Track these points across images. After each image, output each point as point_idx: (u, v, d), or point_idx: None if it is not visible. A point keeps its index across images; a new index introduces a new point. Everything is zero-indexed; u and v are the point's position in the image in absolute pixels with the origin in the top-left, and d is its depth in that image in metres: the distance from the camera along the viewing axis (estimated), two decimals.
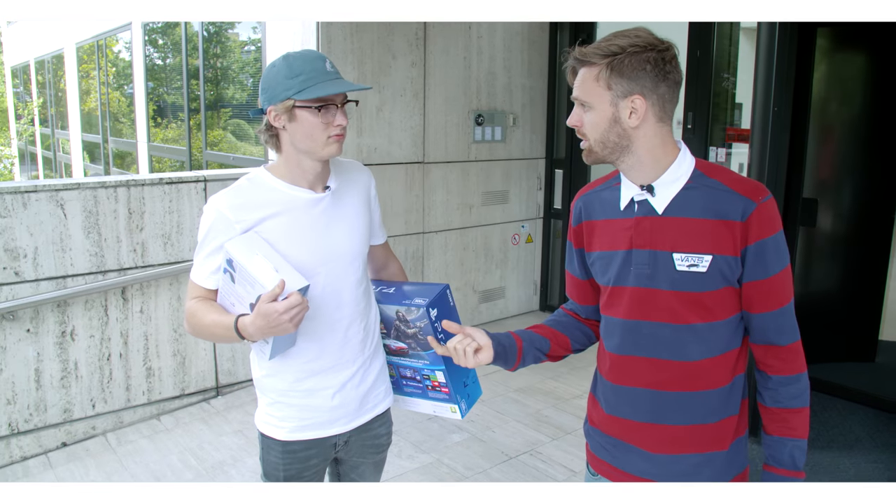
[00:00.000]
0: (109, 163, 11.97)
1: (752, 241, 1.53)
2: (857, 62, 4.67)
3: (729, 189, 1.55)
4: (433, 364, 2.02)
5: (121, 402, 4.12)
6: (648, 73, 1.53)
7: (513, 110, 5.83)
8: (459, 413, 2.10)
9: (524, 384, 4.67)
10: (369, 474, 2.20)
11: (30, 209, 3.70)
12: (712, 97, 4.97)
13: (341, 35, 4.73)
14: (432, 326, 1.95)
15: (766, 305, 1.59)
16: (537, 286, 6.29)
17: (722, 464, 1.67)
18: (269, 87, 1.81)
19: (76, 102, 13.36)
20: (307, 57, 1.80)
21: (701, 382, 1.62)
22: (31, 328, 3.77)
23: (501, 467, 3.65)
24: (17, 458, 3.81)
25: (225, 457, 3.78)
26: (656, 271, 1.60)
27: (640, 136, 1.58)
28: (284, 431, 1.99)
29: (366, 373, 2.05)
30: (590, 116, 1.58)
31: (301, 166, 1.87)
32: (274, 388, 1.98)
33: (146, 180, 4.09)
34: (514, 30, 5.72)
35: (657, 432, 1.66)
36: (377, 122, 5.03)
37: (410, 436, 3.91)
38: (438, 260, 5.54)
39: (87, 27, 11.73)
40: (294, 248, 1.85)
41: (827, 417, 4.15)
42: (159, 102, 9.89)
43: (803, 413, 1.62)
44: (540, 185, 6.13)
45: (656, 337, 1.62)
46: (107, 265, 3.97)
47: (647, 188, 1.60)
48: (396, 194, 5.22)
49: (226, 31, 8.06)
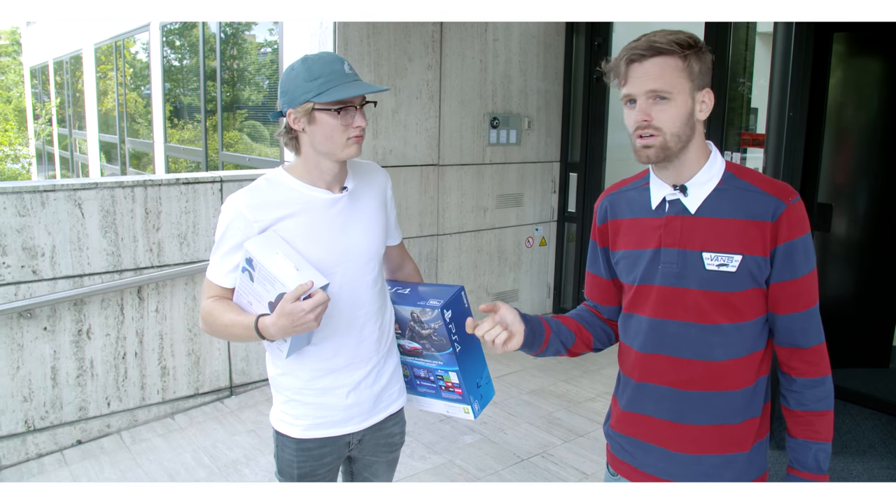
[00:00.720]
0: (126, 163, 12.05)
1: (782, 242, 1.54)
2: (873, 67, 4.65)
3: (759, 190, 1.57)
4: (447, 365, 2.04)
5: (135, 400, 4.15)
6: (711, 70, 1.57)
7: (528, 113, 5.83)
8: (472, 414, 2.11)
9: (537, 386, 4.68)
10: (382, 473, 2.21)
11: (48, 208, 3.74)
12: (727, 101, 4.96)
13: (358, 37, 4.75)
14: (446, 328, 1.96)
15: (793, 307, 1.59)
16: (550, 289, 6.29)
17: (743, 466, 1.67)
18: (289, 91, 1.82)
19: (94, 103, 13.46)
20: (325, 59, 1.82)
21: (725, 383, 1.63)
22: (47, 326, 3.81)
23: (513, 469, 3.66)
24: (33, 455, 3.84)
25: (238, 456, 3.80)
26: (685, 270, 1.60)
27: (698, 132, 1.60)
28: (299, 429, 2.01)
29: (380, 372, 2.07)
30: (668, 109, 1.54)
31: (319, 167, 1.89)
32: (289, 387, 2.00)
33: (163, 180, 4.12)
34: (530, 33, 5.72)
35: (679, 431, 1.67)
36: (393, 125, 5.05)
37: (423, 437, 3.92)
38: (452, 262, 5.55)
39: (105, 28, 11.81)
40: (311, 247, 1.87)
41: (839, 423, 4.13)
42: (176, 103, 9.95)
43: (828, 416, 1.62)
44: (554, 188, 6.13)
45: (682, 336, 1.63)
46: (123, 264, 4.00)
47: (681, 188, 1.61)
48: (411, 196, 5.23)
49: (243, 33, 8.10)
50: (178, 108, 9.89)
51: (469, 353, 2.05)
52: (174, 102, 9.96)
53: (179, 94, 9.81)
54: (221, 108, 8.19)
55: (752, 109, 5.08)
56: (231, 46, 8.36)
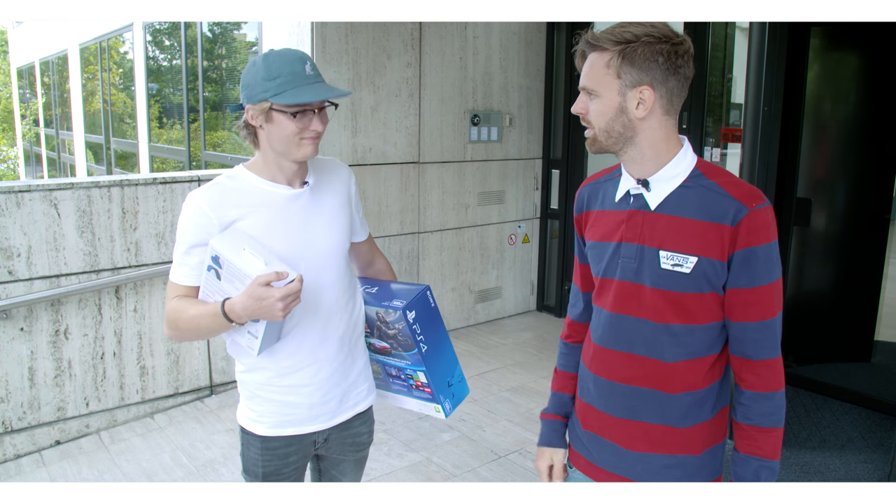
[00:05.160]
0: (112, 164, 12.02)
1: (741, 248, 1.50)
2: (850, 62, 4.66)
3: (724, 192, 1.52)
4: (415, 365, 2.03)
5: (114, 400, 4.14)
6: (660, 66, 1.50)
7: (509, 110, 5.83)
8: (443, 413, 2.10)
9: (517, 384, 4.68)
10: (350, 472, 2.20)
11: (23, 208, 3.72)
12: (707, 97, 4.98)
13: (336, 35, 4.74)
14: (410, 329, 1.95)
15: (746, 315, 1.55)
16: (534, 286, 6.30)
17: (693, 468, 1.65)
18: (248, 86, 1.80)
19: (80, 103, 13.42)
20: (286, 58, 1.79)
21: (672, 384, 1.61)
22: (24, 327, 3.80)
23: (490, 466, 3.66)
24: (11, 456, 3.83)
25: (216, 455, 3.79)
26: (642, 266, 1.59)
27: (646, 127, 1.55)
28: (264, 427, 2.00)
29: (347, 370, 2.05)
30: (596, 105, 1.55)
31: (278, 163, 1.88)
32: (253, 383, 1.99)
33: (140, 180, 4.11)
34: (511, 30, 5.72)
35: (630, 428, 1.66)
36: (372, 123, 5.04)
37: (401, 434, 3.92)
38: (434, 260, 5.55)
39: (90, 28, 11.78)
40: (273, 243, 1.85)
41: (819, 418, 4.14)
42: (165, 104, 9.93)
43: (774, 434, 1.58)
44: (537, 185, 6.13)
45: (635, 332, 1.62)
46: (100, 264, 3.99)
47: (643, 183, 1.59)
48: (391, 194, 5.23)
49: (231, 33, 8.09)
50: (167, 108, 9.86)
51: (438, 352, 2.04)
52: (163, 103, 9.94)
53: (168, 95, 9.79)
54: (206, 108, 8.18)
55: (734, 105, 5.08)
56: (219, 46, 8.34)
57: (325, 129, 1.86)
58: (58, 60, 14.94)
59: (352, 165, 4.90)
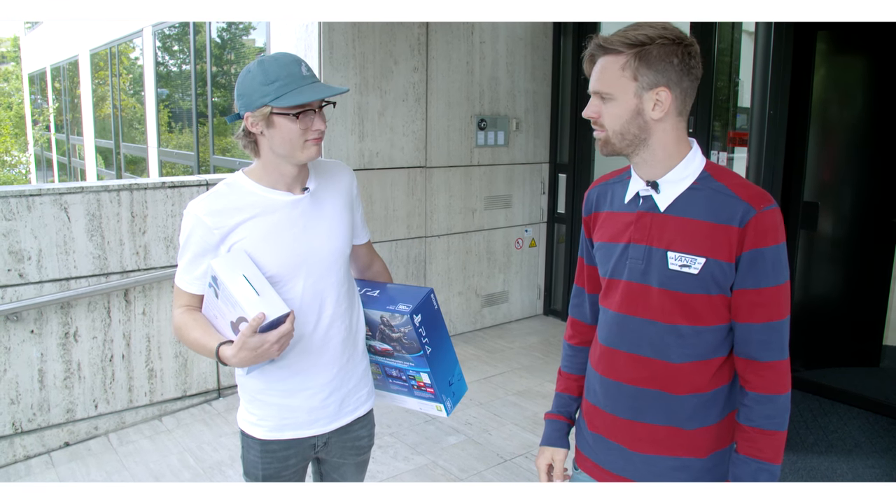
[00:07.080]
0: (122, 168, 12.08)
1: (748, 249, 1.51)
2: (857, 65, 4.66)
3: (732, 193, 1.53)
4: (418, 366, 2.04)
5: (123, 402, 4.17)
6: (675, 67, 1.51)
7: (516, 115, 5.85)
8: (445, 411, 2.11)
9: (523, 387, 4.69)
10: (351, 475, 2.20)
11: (34, 212, 3.76)
12: (714, 101, 4.97)
13: (343, 40, 4.77)
14: (416, 332, 1.96)
15: (752, 317, 1.55)
16: (541, 290, 6.30)
17: (699, 472, 1.65)
18: (245, 94, 1.80)
19: (90, 108, 13.50)
20: (282, 61, 1.79)
21: (679, 386, 1.61)
22: (34, 329, 3.83)
23: (496, 469, 3.67)
24: (21, 458, 3.86)
25: (223, 457, 3.81)
26: (649, 267, 1.59)
27: (660, 129, 1.56)
28: (263, 430, 2.01)
29: (347, 375, 2.05)
30: (610, 108, 1.56)
31: (279, 169, 1.87)
32: (253, 387, 2.00)
33: (149, 184, 4.14)
34: (517, 34, 5.74)
35: (636, 430, 1.66)
36: (379, 127, 5.06)
37: (406, 438, 3.93)
38: (441, 264, 5.56)
39: (100, 34, 11.85)
40: (273, 250, 1.86)
41: (827, 422, 4.13)
42: (174, 109, 9.98)
43: (776, 437, 1.57)
44: (543, 189, 6.14)
45: (642, 333, 1.62)
46: (110, 268, 4.02)
47: (652, 184, 1.60)
48: (398, 198, 5.25)
49: (240, 38, 8.14)
50: (177, 113, 9.92)
51: (440, 353, 2.05)
52: (173, 108, 9.99)
53: (178, 99, 9.84)
54: (215, 113, 8.22)
55: (741, 109, 5.07)
56: (228, 51, 8.38)
57: (325, 128, 1.87)
58: (69, 66, 15.05)
59: (359, 170, 4.93)
